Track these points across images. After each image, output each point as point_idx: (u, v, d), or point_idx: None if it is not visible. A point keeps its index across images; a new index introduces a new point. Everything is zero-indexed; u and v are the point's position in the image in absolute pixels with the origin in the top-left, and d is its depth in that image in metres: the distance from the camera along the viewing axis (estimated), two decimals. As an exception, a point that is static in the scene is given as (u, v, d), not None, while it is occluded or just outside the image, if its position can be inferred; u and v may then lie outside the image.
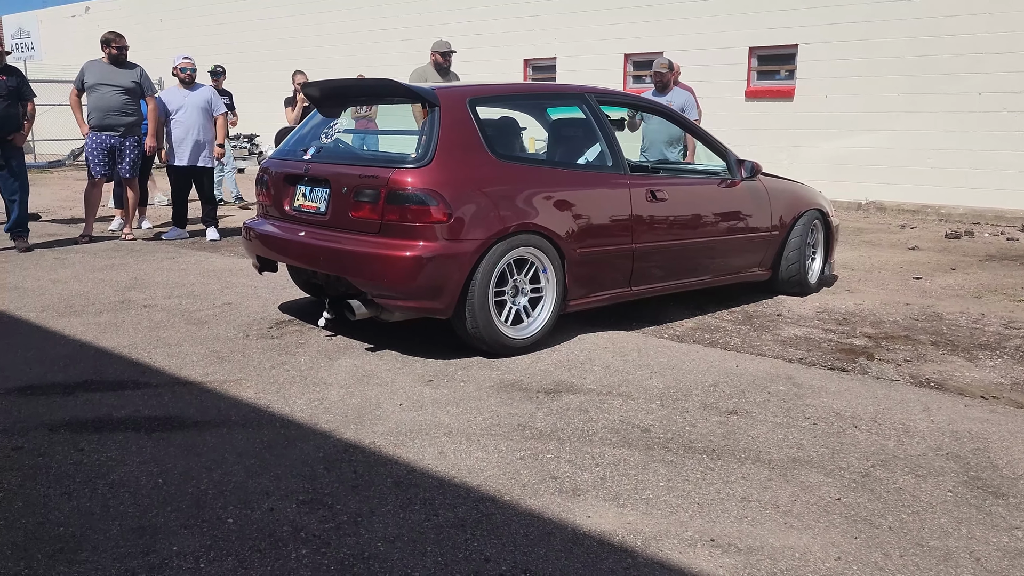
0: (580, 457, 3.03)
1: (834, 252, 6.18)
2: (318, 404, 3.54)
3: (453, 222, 3.96)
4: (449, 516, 2.58)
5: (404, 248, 3.93)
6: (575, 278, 4.43)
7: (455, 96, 4.32)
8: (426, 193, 3.94)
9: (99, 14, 21.55)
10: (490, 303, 4.09)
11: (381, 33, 15.86)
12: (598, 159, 4.89)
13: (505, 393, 3.70)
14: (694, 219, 5.08)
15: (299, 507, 2.63)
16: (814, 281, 5.94)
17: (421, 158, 4.05)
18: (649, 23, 12.44)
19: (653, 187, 4.86)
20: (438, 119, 4.13)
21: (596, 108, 4.86)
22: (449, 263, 3.96)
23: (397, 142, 4.74)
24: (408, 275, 3.94)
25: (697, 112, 7.68)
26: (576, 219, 4.40)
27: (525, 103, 5.65)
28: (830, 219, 6.02)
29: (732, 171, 5.40)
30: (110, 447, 3.08)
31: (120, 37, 7.82)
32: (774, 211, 5.55)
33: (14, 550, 2.37)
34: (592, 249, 4.48)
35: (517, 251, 4.17)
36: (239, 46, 18.07)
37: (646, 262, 4.79)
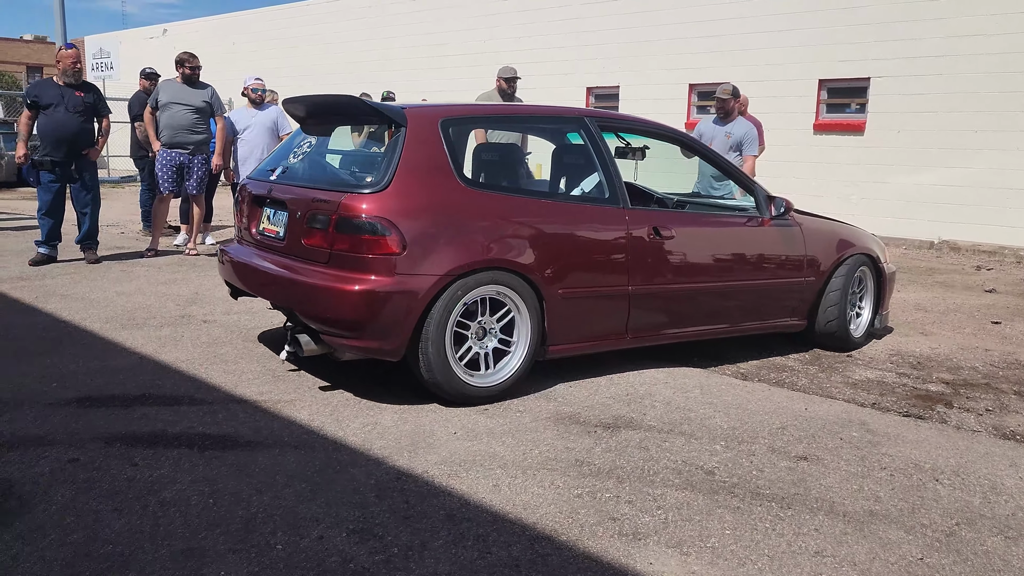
0: (641, 498, 2.89)
1: (887, 302, 5.50)
2: (371, 428, 3.47)
3: (408, 254, 3.56)
4: (503, 555, 2.47)
5: (351, 281, 3.57)
6: (556, 321, 3.98)
7: (425, 116, 3.93)
8: (378, 221, 3.55)
9: (176, 36, 22.30)
10: (447, 346, 3.66)
11: (445, 59, 16.03)
12: (595, 190, 4.40)
13: (562, 426, 3.59)
14: (708, 260, 4.57)
15: (349, 536, 2.55)
16: (859, 335, 5.25)
17: (377, 182, 3.67)
18: (714, 53, 12.31)
19: (657, 223, 4.34)
20: (402, 140, 3.75)
21: (595, 134, 4.37)
22: (401, 300, 3.56)
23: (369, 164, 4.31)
24: (354, 312, 3.57)
25: (758, 146, 7.22)
26: (559, 256, 3.95)
27: (511, 126, 5.25)
28: (882, 265, 5.34)
29: (760, 208, 4.83)
30: (163, 464, 3.05)
31: (193, 58, 8.00)
32: (810, 254, 4.94)
33: (63, 567, 2.33)
34: (578, 290, 4.04)
35: (483, 289, 3.74)
36: (308, 68, 18.48)
37: (646, 307, 4.33)
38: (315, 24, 18.94)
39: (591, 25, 13.80)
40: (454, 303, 3.66)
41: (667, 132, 4.94)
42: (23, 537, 2.48)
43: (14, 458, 3.04)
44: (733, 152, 6.77)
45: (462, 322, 3.76)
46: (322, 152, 4.36)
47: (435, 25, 16.32)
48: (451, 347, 3.70)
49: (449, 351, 3.68)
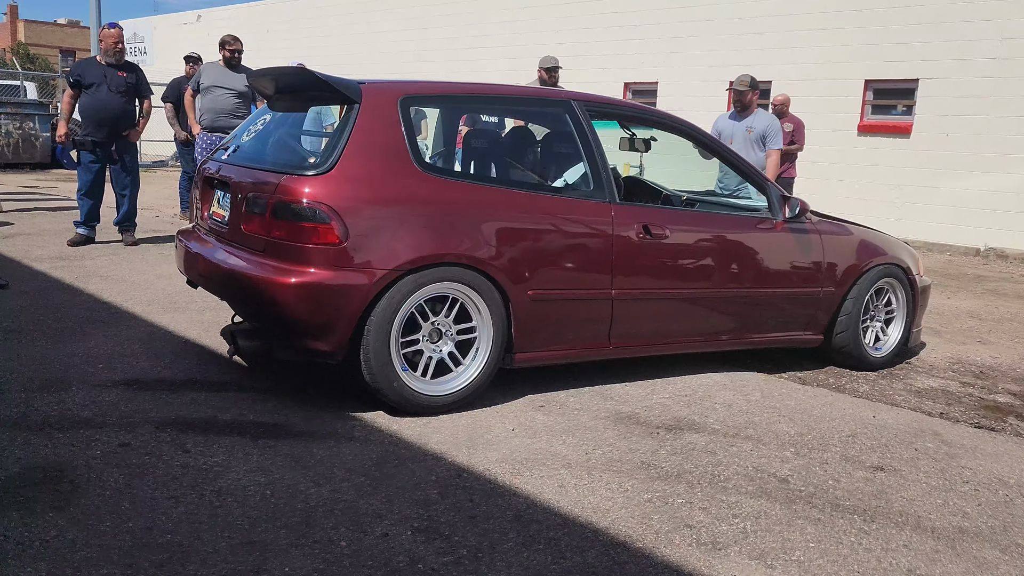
0: (715, 505, 2.75)
1: (920, 318, 4.92)
2: (426, 422, 3.35)
3: (350, 245, 3.21)
4: (577, 560, 2.35)
5: (284, 273, 3.22)
6: (524, 326, 3.57)
7: (383, 93, 3.53)
8: (317, 207, 3.20)
9: (210, 23, 22.33)
10: (391, 349, 3.29)
11: (481, 51, 15.90)
12: (579, 182, 3.97)
13: (623, 426, 3.45)
14: (709, 265, 4.09)
15: (414, 535, 2.44)
16: (884, 353, 4.69)
17: (320, 164, 3.30)
18: (756, 51, 12.08)
19: (649, 221, 3.87)
20: (354, 118, 3.38)
21: (582, 120, 3.90)
22: (339, 296, 3.21)
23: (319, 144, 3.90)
24: (285, 307, 3.23)
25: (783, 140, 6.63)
26: (528, 253, 3.55)
27: (486, 108, 4.71)
28: (913, 277, 4.75)
29: (773, 209, 4.32)
30: (217, 451, 2.95)
31: (236, 40, 7.93)
32: (828, 262, 4.42)
33: (121, 555, 2.23)
34: (550, 292, 3.62)
35: (436, 287, 3.36)
36: (343, 58, 18.41)
37: (633, 313, 3.89)
38: (349, 13, 18.87)
39: (631, 20, 13.61)
40: (401, 301, 3.29)
41: (671, 122, 4.46)
42: (78, 522, 2.39)
43: (64, 440, 2.96)
44: (757, 147, 6.31)
45: (416, 323, 3.41)
46: (279, 129, 3.92)
47: (473, 16, 16.19)
48: (397, 350, 3.32)
49: (394, 354, 3.31)
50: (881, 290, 4.69)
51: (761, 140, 6.32)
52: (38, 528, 2.34)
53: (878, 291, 4.67)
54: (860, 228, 4.79)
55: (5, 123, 14.10)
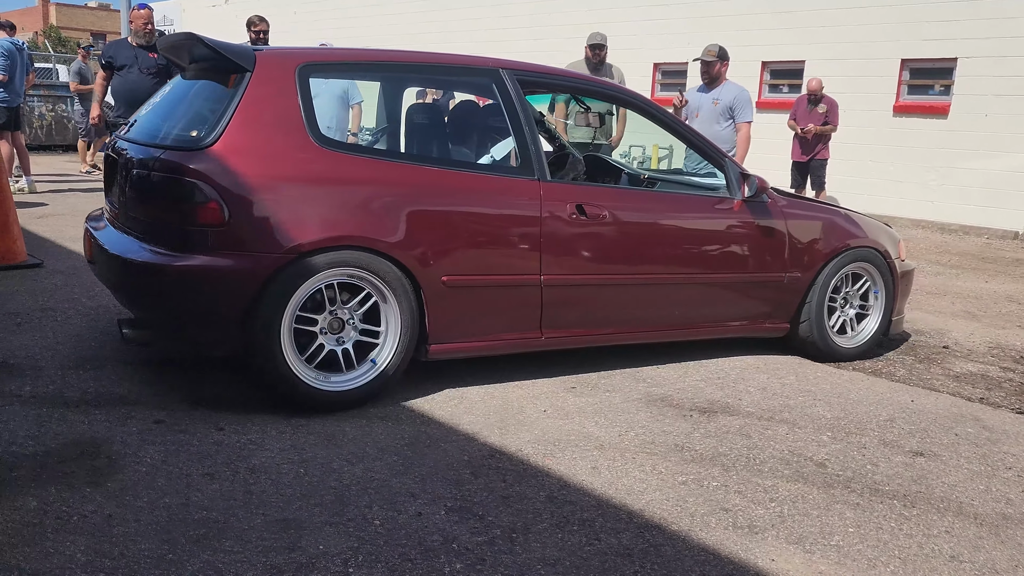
0: (751, 489, 2.71)
1: (902, 304, 4.57)
2: (458, 403, 3.34)
3: (233, 226, 2.94)
4: (612, 542, 2.32)
5: (159, 257, 2.99)
6: (439, 315, 3.31)
7: (279, 60, 3.26)
8: (195, 185, 2.92)
9: (238, 4, 22.36)
10: (283, 340, 3.02)
11: (505, 32, 15.77)
12: (505, 159, 3.70)
13: (655, 408, 3.42)
14: (655, 248, 3.79)
15: (448, 514, 2.43)
16: (856, 344, 4.37)
17: (203, 138, 3.03)
18: (788, 30, 11.86)
19: (583, 200, 3.56)
20: (244, 87, 3.11)
21: (511, 91, 3.59)
22: (220, 283, 2.96)
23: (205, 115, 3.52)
24: (161, 295, 3.03)
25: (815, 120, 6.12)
26: (440, 235, 3.27)
27: (400, 77, 4.26)
28: (892, 260, 4.40)
29: (731, 188, 4.00)
30: (250, 429, 2.96)
31: (262, 21, 7.91)
32: (793, 245, 4.09)
33: (158, 530, 2.25)
34: (467, 278, 3.34)
35: (334, 273, 3.08)
36: (368, 40, 18.37)
37: (568, 301, 3.61)
38: (376, -6, 18.81)
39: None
40: (293, 288, 3.01)
41: (618, 94, 4.20)
42: (115, 497, 2.41)
43: (100, 416, 2.98)
44: (725, 120, 5.95)
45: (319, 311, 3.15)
46: (179, 102, 3.54)
47: (498, -4, 16.06)
48: (291, 342, 3.05)
49: (287, 346, 3.04)
50: (857, 276, 4.38)
51: (728, 112, 5.93)
52: (76, 503, 2.37)
53: (853, 277, 4.37)
54: (831, 208, 4.51)
55: (38, 105, 14.26)
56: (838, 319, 4.36)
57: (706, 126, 5.79)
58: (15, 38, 8.69)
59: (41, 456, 2.65)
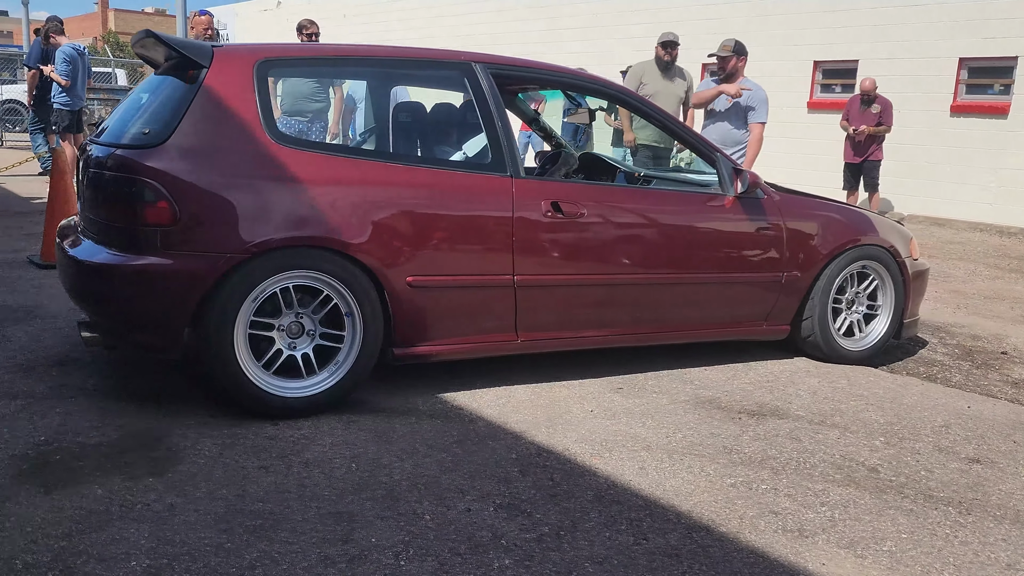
0: (801, 492, 2.69)
1: (915, 306, 4.36)
2: (505, 401, 3.37)
3: (183, 226, 2.88)
4: (660, 542, 2.33)
5: (105, 257, 2.96)
6: (406, 317, 3.21)
7: (236, 56, 3.21)
8: (144, 183, 2.87)
9: (289, 8, 22.75)
10: (237, 344, 2.95)
11: (557, 33, 15.77)
12: (478, 155, 3.58)
13: (703, 410, 3.41)
14: (639, 247, 3.65)
15: (497, 511, 2.46)
16: (863, 347, 4.21)
17: (155, 136, 2.97)
18: (842, 29, 11.66)
19: (559, 198, 3.45)
20: (199, 84, 3.04)
21: (484, 85, 3.48)
22: (168, 284, 2.89)
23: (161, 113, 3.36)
24: (107, 296, 3.00)
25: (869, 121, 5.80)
26: (405, 235, 3.17)
27: (366, 72, 4.15)
28: (903, 259, 4.21)
29: (724, 184, 3.84)
30: (302, 424, 3.03)
31: (313, 24, 8.06)
32: (792, 244, 3.93)
33: (216, 520, 2.32)
34: (434, 279, 3.24)
35: (291, 275, 3.01)
36: (415, 42, 18.55)
37: (543, 302, 3.49)
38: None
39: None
40: (245, 291, 2.93)
41: (593, 85, 4.07)
42: (176, 488, 2.49)
43: (159, 410, 3.07)
44: (740, 118, 5.71)
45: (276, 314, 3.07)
46: (144, 101, 3.42)
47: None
48: (244, 346, 2.98)
49: (241, 351, 2.97)
50: (864, 276, 4.21)
51: (744, 110, 5.72)
52: (139, 492, 2.45)
53: (860, 276, 4.20)
54: (835, 205, 4.33)
55: (98, 108, 14.74)
56: (843, 321, 4.20)
57: (722, 123, 5.64)
58: (76, 43, 8.99)
59: (105, 447, 2.75)
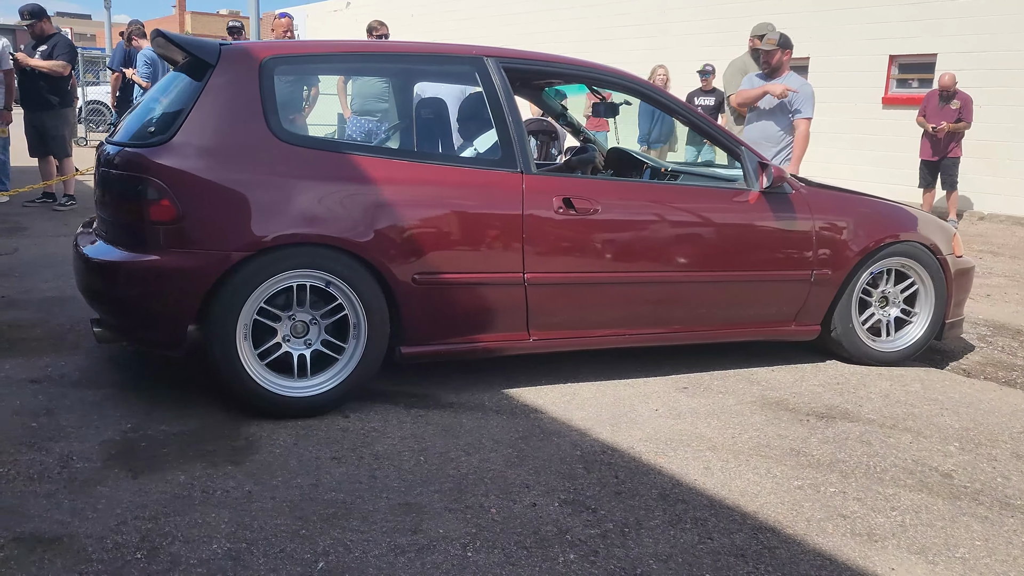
0: (871, 496, 2.65)
1: (957, 306, 4.16)
2: (570, 399, 3.40)
3: (186, 224, 2.90)
4: (725, 542, 2.33)
5: (111, 255, 3.02)
6: (413, 315, 3.19)
7: (243, 54, 3.19)
8: (147, 181, 2.90)
9: (358, 9, 23.15)
10: (239, 342, 2.96)
11: (618, 30, 15.68)
12: (489, 151, 3.50)
13: (771, 411, 3.37)
14: (657, 244, 3.54)
15: (561, 507, 2.49)
16: (897, 349, 4.04)
17: (160, 134, 3.02)
18: (919, 22, 11.29)
19: (572, 194, 3.38)
20: (204, 83, 3.06)
21: (495, 80, 3.43)
22: (171, 282, 2.91)
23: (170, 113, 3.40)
24: (108, 293, 3.05)
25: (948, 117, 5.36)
26: (411, 231, 3.14)
27: (376, 68, 4.12)
28: (944, 257, 4.03)
29: (748, 180, 3.72)
30: (373, 418, 3.11)
31: (383, 25, 8.21)
32: (822, 240, 3.78)
33: (291, 508, 2.41)
34: (442, 277, 3.20)
35: (295, 274, 3.00)
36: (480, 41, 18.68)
37: (554, 301, 3.42)
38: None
39: (780, -8, 13.04)
40: (249, 289, 2.94)
41: (610, 77, 3.91)
42: (253, 476, 2.60)
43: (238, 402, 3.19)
44: (785, 114, 5.42)
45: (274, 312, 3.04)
46: (154, 99, 3.49)
47: (611, -6, 15.99)
48: (246, 343, 2.98)
49: (243, 348, 2.97)
50: (901, 274, 4.03)
51: (789, 106, 5.42)
52: (220, 479, 2.56)
53: (897, 275, 4.04)
54: (869, 200, 4.12)
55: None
56: (873, 319, 4.03)
57: (766, 119, 5.46)
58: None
59: (187, 435, 2.88)
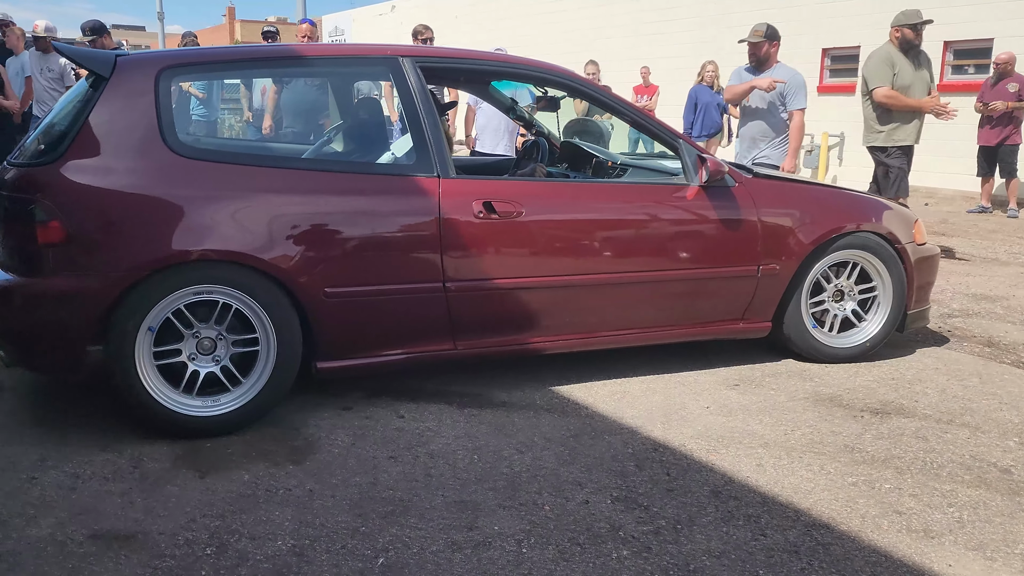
0: (927, 493, 2.63)
1: (919, 295, 3.99)
2: (620, 397, 3.43)
3: (76, 246, 2.79)
4: (779, 539, 2.34)
5: (3, 282, 2.89)
6: (326, 330, 3.09)
7: (138, 65, 3.04)
8: (35, 203, 2.79)
9: (403, 12, 23.41)
10: (139, 364, 2.85)
11: (665, 24, 15.58)
12: (404, 156, 3.41)
13: (823, 408, 3.36)
14: (586, 245, 3.41)
15: (614, 504, 2.53)
16: (852, 344, 3.90)
17: (48, 153, 2.91)
18: (976, 5, 10.99)
19: (493, 197, 3.26)
20: (97, 97, 2.93)
21: (411, 81, 3.30)
22: (61, 305, 2.81)
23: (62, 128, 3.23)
24: (5, 320, 2.92)
25: (1009, 97, 5.03)
26: (318, 243, 3.03)
27: (282, 72, 3.99)
28: (903, 246, 3.87)
29: (688, 174, 3.58)
30: (427, 417, 3.19)
31: (427, 29, 8.29)
32: (768, 233, 3.62)
33: (351, 506, 2.49)
34: (355, 288, 3.09)
35: (193, 290, 2.89)
36: (524, 40, 18.71)
37: (479, 309, 3.30)
38: (533, -6, 19.12)
39: (829, -20, 12.82)
40: (146, 308, 2.84)
41: (536, 72, 3.73)
42: (314, 475, 2.69)
43: (297, 403, 3.29)
44: (778, 106, 5.31)
45: (179, 331, 2.94)
46: (54, 115, 3.31)
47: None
48: (148, 364, 2.88)
49: (145, 370, 2.87)
50: (855, 265, 3.87)
51: (780, 98, 5.30)
52: (281, 477, 2.66)
53: (852, 266, 3.87)
54: (820, 189, 4.05)
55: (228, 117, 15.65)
56: (832, 315, 3.89)
57: (761, 115, 5.33)
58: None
59: (249, 435, 2.99)
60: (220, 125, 10.23)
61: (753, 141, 5.41)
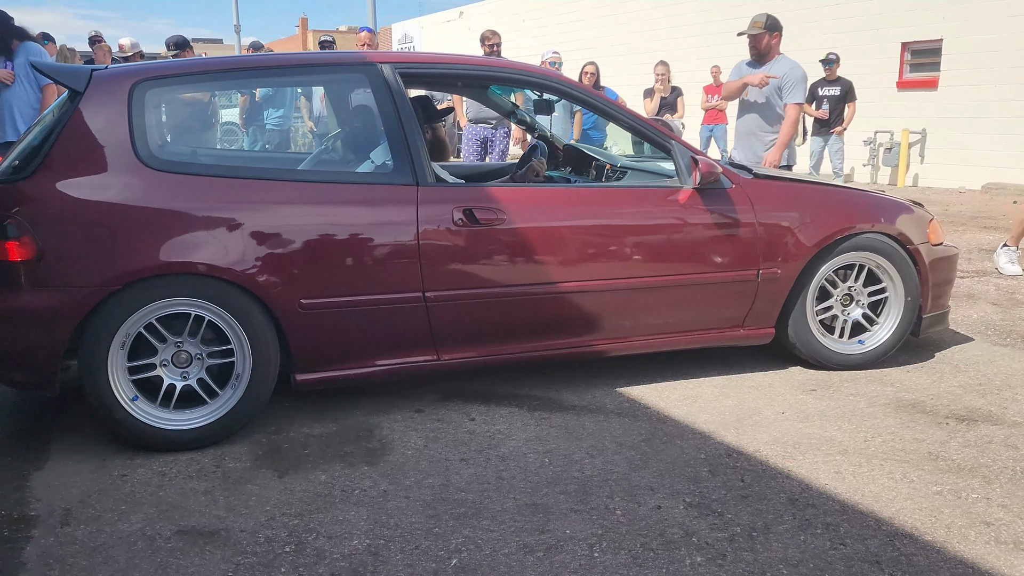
0: (1017, 503, 2.52)
1: (937, 299, 3.80)
2: (692, 401, 3.39)
3: (47, 261, 2.79)
4: (859, 548, 2.28)
5: None
6: (303, 342, 3.06)
7: (113, 79, 3.04)
8: (6, 218, 2.80)
9: (471, 18, 23.64)
10: (113, 378, 2.86)
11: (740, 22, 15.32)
12: (382, 164, 3.34)
13: (905, 414, 3.25)
14: (575, 253, 3.32)
15: (687, 509, 2.50)
16: (863, 350, 3.73)
17: (22, 168, 2.91)
18: None
19: (474, 204, 3.19)
20: (72, 111, 2.94)
21: (390, 88, 3.24)
22: (32, 321, 2.81)
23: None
24: None
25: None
26: (295, 255, 3.00)
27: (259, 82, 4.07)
28: (917, 247, 3.70)
29: (681, 176, 3.48)
30: (498, 420, 3.21)
31: (495, 35, 8.36)
32: (767, 236, 3.50)
33: (424, 507, 2.53)
34: (332, 300, 3.05)
35: (167, 303, 2.88)
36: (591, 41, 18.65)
37: (461, 319, 3.24)
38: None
39: (908, -29, 12.42)
40: (117, 322, 2.84)
41: (522, 76, 3.73)
42: (388, 476, 2.74)
43: (371, 405, 3.36)
44: (778, 99, 5.08)
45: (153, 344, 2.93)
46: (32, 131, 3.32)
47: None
48: (122, 379, 2.88)
49: (118, 384, 2.88)
50: (864, 268, 3.71)
51: (779, 91, 5.08)
52: (357, 478, 2.72)
53: (859, 269, 3.71)
54: (824, 189, 3.87)
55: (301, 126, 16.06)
56: (841, 320, 3.74)
57: (757, 109, 5.14)
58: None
59: (325, 437, 3.06)
60: (294, 134, 10.50)
61: (748, 136, 5.23)
